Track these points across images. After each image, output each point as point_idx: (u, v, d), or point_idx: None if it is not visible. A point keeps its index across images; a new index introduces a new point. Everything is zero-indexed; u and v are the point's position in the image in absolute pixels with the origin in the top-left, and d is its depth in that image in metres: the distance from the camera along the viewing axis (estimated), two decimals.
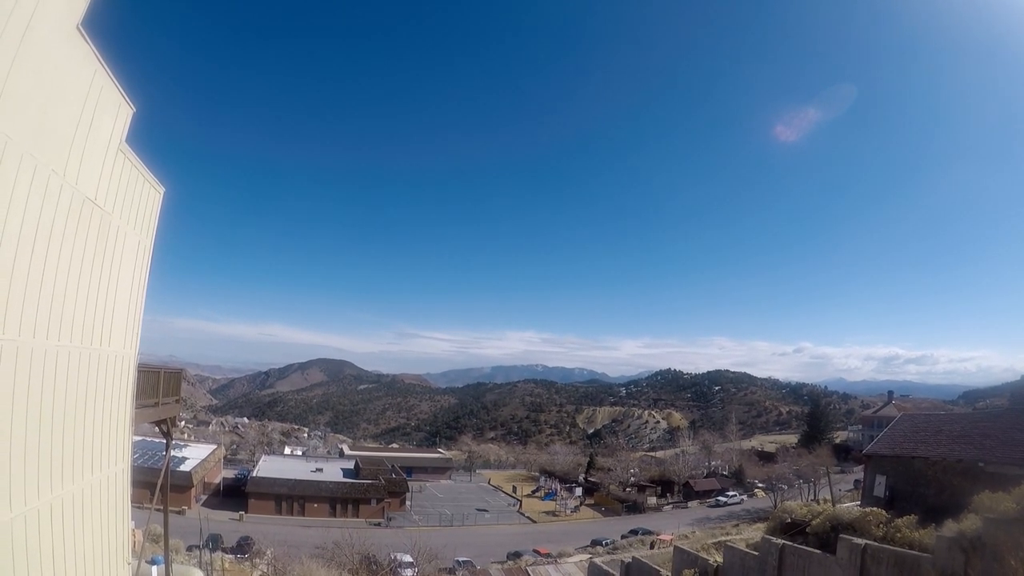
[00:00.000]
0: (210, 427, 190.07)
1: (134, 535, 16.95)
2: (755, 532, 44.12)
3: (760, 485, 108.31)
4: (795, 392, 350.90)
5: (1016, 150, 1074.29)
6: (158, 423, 20.15)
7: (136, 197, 14.39)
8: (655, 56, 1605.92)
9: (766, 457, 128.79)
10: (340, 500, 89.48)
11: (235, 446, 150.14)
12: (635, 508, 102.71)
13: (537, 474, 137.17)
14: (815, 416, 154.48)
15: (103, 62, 11.26)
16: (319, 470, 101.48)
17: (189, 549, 47.61)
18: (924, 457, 27.58)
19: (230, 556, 52.11)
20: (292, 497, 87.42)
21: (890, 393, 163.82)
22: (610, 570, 37.05)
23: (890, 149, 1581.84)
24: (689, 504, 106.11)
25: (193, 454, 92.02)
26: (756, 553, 25.08)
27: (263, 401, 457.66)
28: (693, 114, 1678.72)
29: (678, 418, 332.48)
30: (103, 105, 11.64)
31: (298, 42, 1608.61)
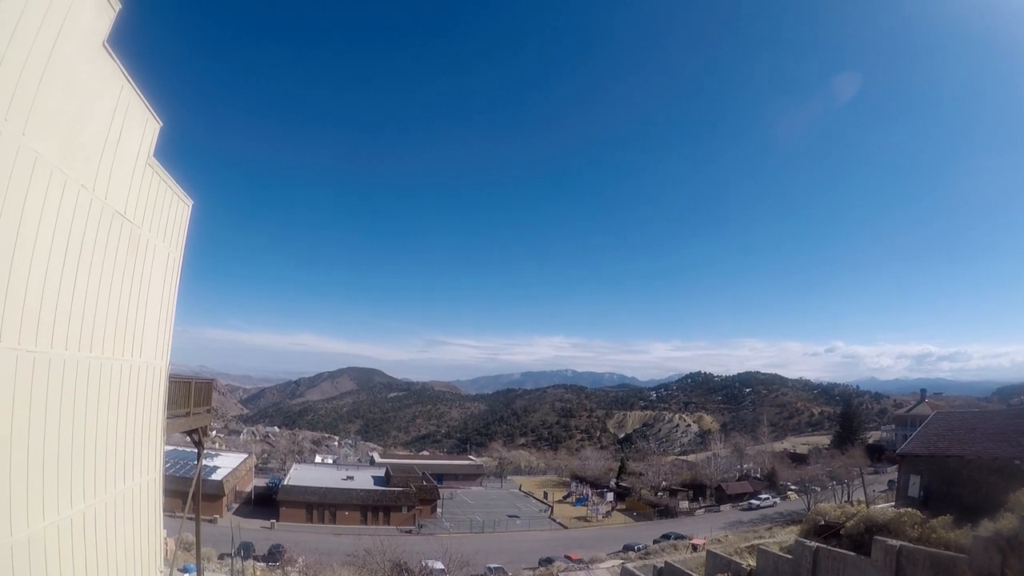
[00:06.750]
0: (241, 436, 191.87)
1: (166, 543, 17.21)
2: (788, 535, 43.51)
3: (793, 487, 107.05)
4: (827, 392, 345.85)
5: None
6: (190, 433, 20.48)
7: (165, 210, 14.67)
8: (676, 64, 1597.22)
9: (798, 459, 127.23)
10: (371, 508, 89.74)
11: (266, 455, 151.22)
12: (667, 512, 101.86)
13: (568, 480, 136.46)
14: (847, 416, 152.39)
15: (129, 78, 11.50)
16: (350, 478, 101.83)
17: (221, 557, 48.00)
18: (959, 456, 27.03)
19: (262, 564, 52.52)
20: (323, 505, 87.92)
21: (923, 391, 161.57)
22: (643, 575, 36.82)
23: (921, 146, 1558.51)
24: (721, 508, 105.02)
25: (224, 463, 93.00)
26: (790, 556, 24.81)
27: (293, 410, 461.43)
28: (721, 119, 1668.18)
29: (709, 421, 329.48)
30: (131, 120, 11.89)
31: (332, 56, 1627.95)
